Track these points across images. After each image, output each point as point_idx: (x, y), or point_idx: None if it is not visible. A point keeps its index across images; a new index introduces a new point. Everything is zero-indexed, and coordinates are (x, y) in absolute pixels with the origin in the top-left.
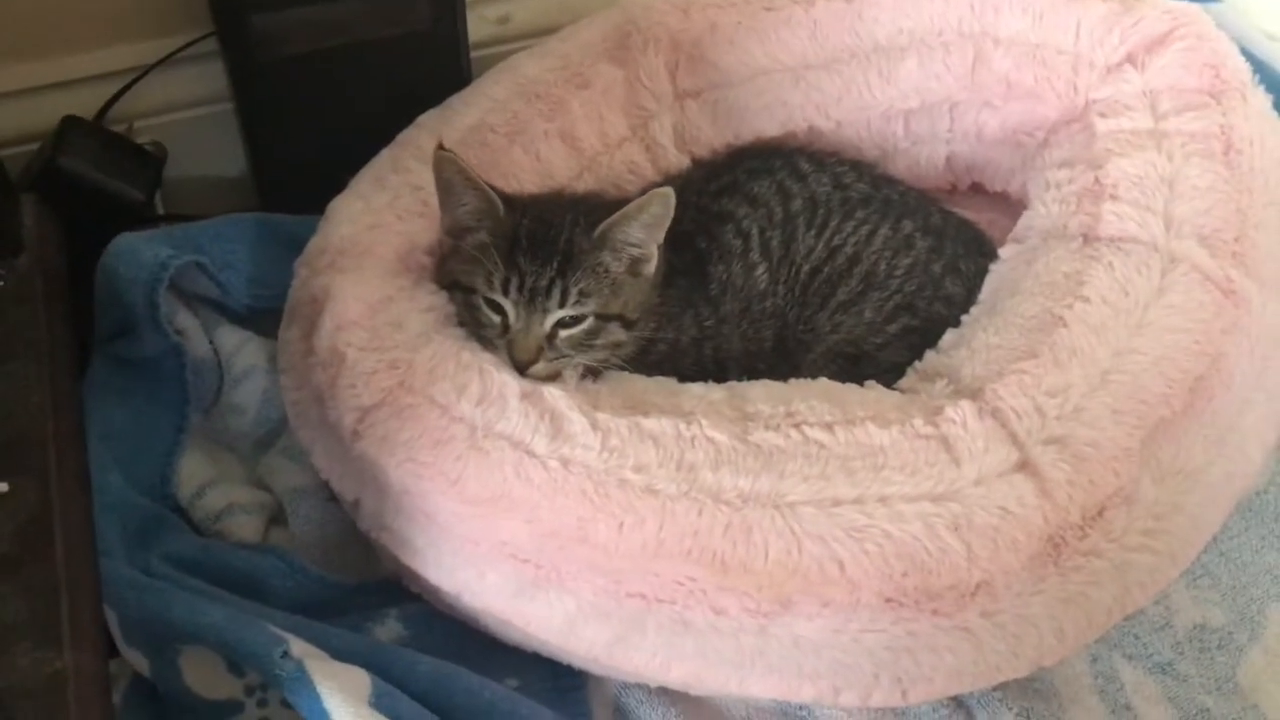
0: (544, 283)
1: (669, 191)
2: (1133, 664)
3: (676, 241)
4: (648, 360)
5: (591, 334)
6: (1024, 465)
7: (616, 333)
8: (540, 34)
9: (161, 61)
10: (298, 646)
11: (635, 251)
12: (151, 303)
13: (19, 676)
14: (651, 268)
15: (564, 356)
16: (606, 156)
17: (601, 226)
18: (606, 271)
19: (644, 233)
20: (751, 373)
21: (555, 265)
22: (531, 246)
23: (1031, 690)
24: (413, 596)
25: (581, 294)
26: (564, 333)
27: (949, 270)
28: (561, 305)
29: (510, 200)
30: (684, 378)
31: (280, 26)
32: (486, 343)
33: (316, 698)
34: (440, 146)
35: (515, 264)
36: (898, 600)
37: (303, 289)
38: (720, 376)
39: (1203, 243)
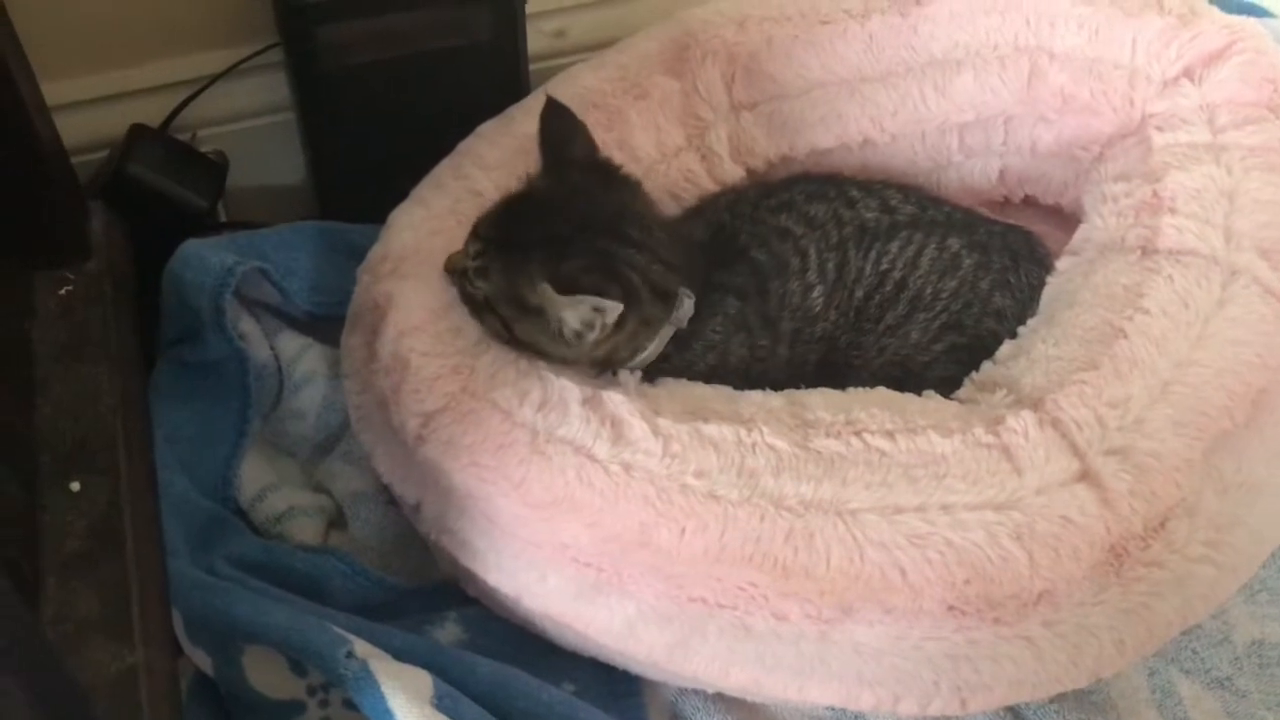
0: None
1: (613, 310)
2: (1190, 679)
3: (730, 259)
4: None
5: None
6: (1085, 475)
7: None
8: (595, 48)
9: (227, 72)
10: (361, 647)
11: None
12: (217, 308)
13: (93, 671)
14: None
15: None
16: (663, 165)
17: (553, 291)
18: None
19: (577, 321)
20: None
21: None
22: (514, 207)
23: (1089, 703)
24: (471, 599)
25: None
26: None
27: (997, 285)
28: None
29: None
30: None
31: (344, 37)
32: None
33: (381, 698)
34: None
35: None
36: (960, 608)
37: (365, 295)
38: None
39: (1263, 255)
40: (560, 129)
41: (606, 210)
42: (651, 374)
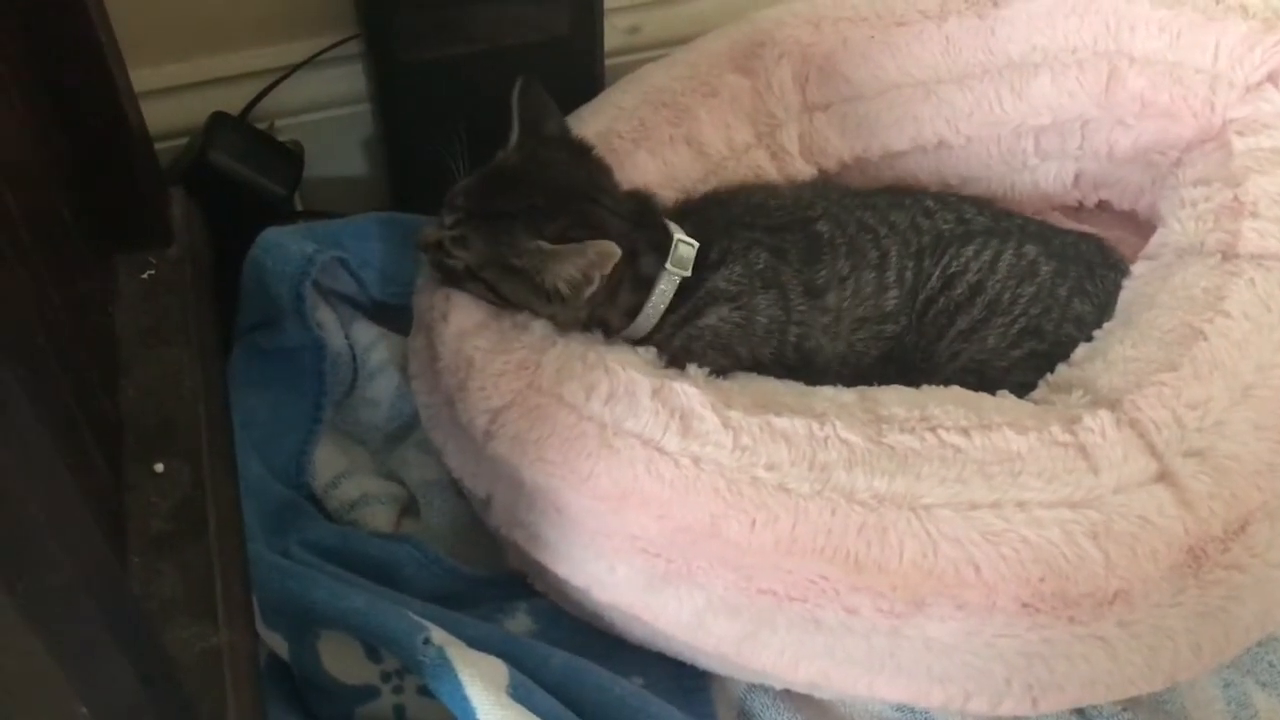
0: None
1: (612, 249)
2: (1267, 691)
3: (787, 225)
4: (698, 343)
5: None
6: (1163, 476)
7: (482, 291)
8: (668, 45)
9: (306, 62)
10: (438, 634)
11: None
12: (297, 295)
13: (178, 650)
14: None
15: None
16: (733, 162)
17: (543, 246)
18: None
19: (571, 270)
20: (844, 382)
21: (471, 213)
22: (491, 178)
23: (1162, 712)
24: (541, 591)
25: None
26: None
27: (1075, 292)
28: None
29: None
30: (762, 368)
31: (424, 30)
32: None
33: (458, 685)
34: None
35: (475, 173)
36: (1034, 606)
37: (423, 296)
38: (806, 375)
39: None
40: (535, 106)
41: (580, 181)
42: (670, 338)
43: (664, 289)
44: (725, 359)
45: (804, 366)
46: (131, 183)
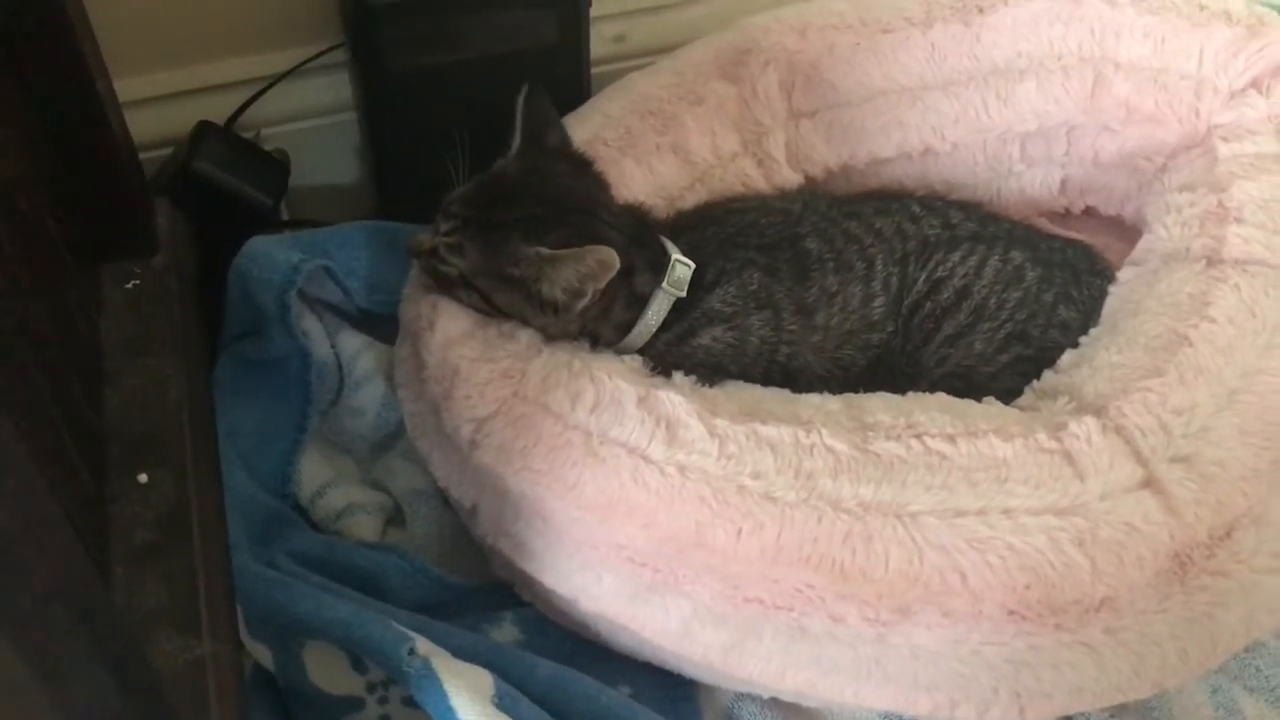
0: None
1: (612, 257)
2: (1254, 697)
3: (777, 243)
4: (689, 361)
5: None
6: (1149, 482)
7: (474, 299)
8: (654, 53)
9: (292, 71)
10: (423, 644)
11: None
12: (282, 304)
13: (162, 661)
14: (550, 301)
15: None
16: (720, 169)
17: (542, 252)
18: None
19: (569, 277)
20: (832, 391)
21: (468, 221)
22: (490, 187)
23: (1151, 718)
24: (527, 601)
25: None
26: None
27: (1061, 298)
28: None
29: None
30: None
31: (410, 38)
32: None
33: (443, 695)
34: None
35: (473, 180)
36: (1020, 613)
37: (410, 305)
38: (791, 390)
39: None
40: (538, 115)
41: (580, 194)
42: (662, 355)
43: (658, 308)
44: (715, 376)
45: (788, 384)
46: (116, 192)
